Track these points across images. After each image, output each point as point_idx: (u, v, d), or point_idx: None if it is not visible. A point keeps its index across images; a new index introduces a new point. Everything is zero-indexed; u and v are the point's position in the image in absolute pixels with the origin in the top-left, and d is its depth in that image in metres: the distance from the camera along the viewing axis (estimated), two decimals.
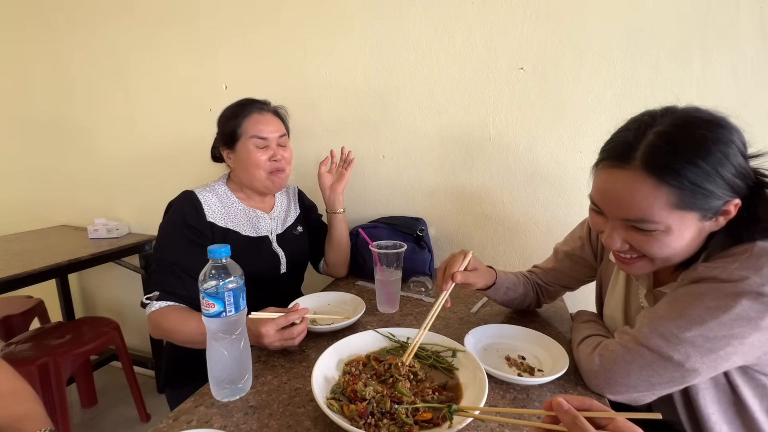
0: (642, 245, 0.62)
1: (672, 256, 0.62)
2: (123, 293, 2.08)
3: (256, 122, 1.05)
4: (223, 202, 1.06)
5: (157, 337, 0.95)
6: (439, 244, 1.44)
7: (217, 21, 1.55)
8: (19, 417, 0.62)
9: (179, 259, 0.95)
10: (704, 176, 0.55)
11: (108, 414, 1.82)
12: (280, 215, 1.19)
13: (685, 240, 0.60)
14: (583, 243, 0.92)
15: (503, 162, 1.31)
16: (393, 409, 0.60)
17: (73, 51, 1.85)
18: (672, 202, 0.57)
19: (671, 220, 0.58)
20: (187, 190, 1.04)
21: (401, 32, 1.32)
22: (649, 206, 0.58)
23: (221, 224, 1.03)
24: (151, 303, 0.92)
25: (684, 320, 0.59)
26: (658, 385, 0.62)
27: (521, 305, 0.99)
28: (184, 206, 1.00)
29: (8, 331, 1.74)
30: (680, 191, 0.56)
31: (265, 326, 0.78)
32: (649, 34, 1.10)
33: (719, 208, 0.58)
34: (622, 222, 0.62)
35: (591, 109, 1.19)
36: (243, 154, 1.04)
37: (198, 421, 0.63)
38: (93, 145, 1.94)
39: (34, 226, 2.07)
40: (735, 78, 1.07)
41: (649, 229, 0.59)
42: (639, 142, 0.59)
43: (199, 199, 1.02)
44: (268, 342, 0.79)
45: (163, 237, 0.99)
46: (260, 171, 1.05)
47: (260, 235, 1.10)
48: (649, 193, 0.57)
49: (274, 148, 1.06)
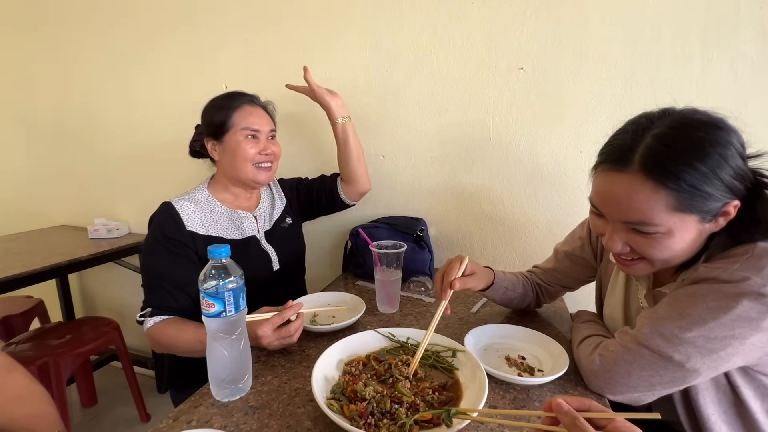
0: (643, 248, 0.62)
1: (672, 257, 0.62)
2: (123, 293, 2.08)
3: (249, 114, 1.03)
4: (202, 208, 1.04)
5: (159, 351, 0.95)
6: (439, 244, 1.44)
7: (217, 21, 1.55)
8: (33, 418, 0.63)
9: (165, 273, 0.94)
10: (702, 179, 0.55)
11: (108, 414, 1.82)
12: (267, 211, 1.18)
13: (685, 242, 0.60)
14: (583, 243, 0.92)
15: (503, 162, 1.31)
16: (393, 409, 0.60)
17: (73, 51, 1.85)
18: (671, 205, 0.57)
19: (671, 222, 0.58)
20: (165, 202, 1.01)
21: (401, 32, 1.32)
22: (649, 209, 0.58)
23: (202, 232, 1.00)
24: (146, 320, 0.93)
25: (685, 321, 0.59)
26: (658, 385, 0.62)
27: (521, 305, 0.99)
28: (162, 219, 0.98)
29: (8, 331, 1.74)
30: (679, 194, 0.56)
31: (261, 327, 0.78)
32: (649, 34, 1.10)
33: (718, 210, 0.58)
34: (622, 225, 0.62)
35: (591, 109, 1.19)
36: (232, 146, 1.02)
37: (198, 421, 0.63)
38: (93, 145, 1.93)
39: (34, 226, 2.07)
40: (735, 78, 1.07)
41: (650, 232, 0.59)
42: (637, 145, 0.58)
43: (176, 210, 0.99)
44: (266, 343, 0.79)
45: (146, 253, 0.98)
46: (248, 164, 1.03)
47: (246, 236, 1.08)
48: (648, 197, 0.57)
49: (264, 141, 1.05)
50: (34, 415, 0.64)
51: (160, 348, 0.93)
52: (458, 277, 0.80)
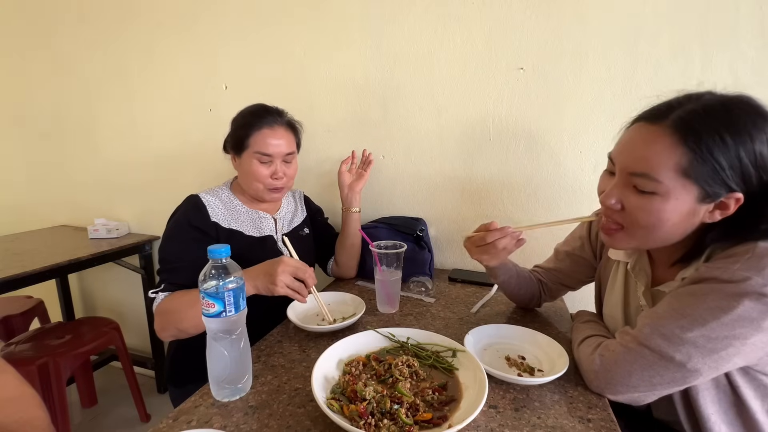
0: (634, 209, 0.63)
1: (656, 229, 0.62)
2: (123, 293, 2.08)
3: (265, 137, 1.04)
4: (226, 205, 1.08)
5: (165, 333, 0.91)
6: (439, 244, 1.44)
7: (217, 21, 1.55)
8: (24, 423, 0.62)
9: (183, 255, 0.95)
10: (723, 150, 0.56)
11: (108, 414, 1.82)
12: (287, 216, 1.20)
13: (676, 215, 0.60)
14: (583, 243, 0.92)
15: (503, 162, 1.31)
16: (393, 409, 0.60)
17: (73, 51, 1.85)
18: (681, 166, 0.57)
19: (672, 184, 0.59)
20: (192, 195, 1.05)
21: (401, 32, 1.32)
22: (658, 163, 0.59)
23: (225, 225, 1.04)
24: (157, 295, 0.93)
25: (686, 320, 0.59)
26: (659, 385, 0.62)
27: (525, 294, 0.99)
28: (188, 209, 1.02)
29: (8, 331, 1.74)
30: (694, 156, 0.57)
31: (284, 260, 0.86)
32: (649, 34, 1.10)
33: (720, 195, 0.58)
34: (626, 177, 0.64)
35: (591, 109, 1.19)
36: (246, 164, 1.06)
37: (198, 421, 0.63)
38: (93, 145, 1.93)
39: (34, 226, 2.07)
40: (735, 78, 1.07)
41: (648, 190, 0.60)
42: (679, 106, 0.60)
43: (202, 201, 1.03)
44: (281, 271, 0.84)
45: (167, 239, 0.99)
46: (259, 185, 1.06)
47: (263, 235, 1.11)
48: (664, 149, 0.59)
49: (277, 164, 1.06)
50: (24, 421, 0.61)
51: (165, 322, 0.90)
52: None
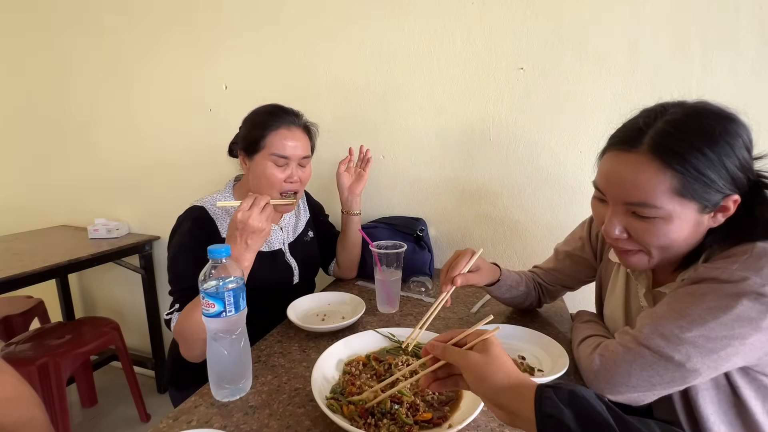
0: (640, 234, 0.62)
1: (669, 248, 0.62)
2: (123, 293, 2.08)
3: (282, 138, 0.98)
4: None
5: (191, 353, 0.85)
6: (439, 244, 1.44)
7: (217, 21, 1.55)
8: (22, 424, 0.62)
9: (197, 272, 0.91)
10: (708, 164, 0.56)
11: (108, 414, 1.82)
12: (291, 222, 1.17)
13: (683, 231, 0.60)
14: (583, 243, 0.92)
15: (503, 162, 1.31)
16: (393, 409, 0.60)
17: (73, 51, 1.85)
18: (674, 188, 0.57)
19: (671, 206, 0.58)
20: (196, 206, 0.99)
21: (401, 32, 1.32)
22: (652, 189, 0.58)
23: None
24: (173, 316, 0.88)
25: (685, 320, 0.59)
26: (658, 385, 0.62)
27: (522, 304, 0.99)
28: (194, 226, 0.96)
29: (8, 331, 1.74)
30: (683, 177, 0.56)
31: (236, 225, 0.81)
32: (649, 34, 1.10)
33: (718, 202, 0.58)
34: (623, 207, 0.63)
35: (591, 109, 1.19)
36: (259, 167, 0.98)
37: (198, 421, 0.63)
38: (93, 145, 1.93)
39: (34, 226, 2.07)
40: (735, 78, 1.07)
41: (650, 216, 0.60)
42: (648, 128, 0.60)
43: (210, 216, 0.98)
44: (242, 229, 0.80)
45: (176, 256, 0.93)
46: (272, 190, 0.99)
47: (273, 249, 1.08)
48: (653, 176, 0.58)
49: (292, 167, 1.00)
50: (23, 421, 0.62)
51: (189, 341, 0.83)
52: (462, 273, 0.80)
